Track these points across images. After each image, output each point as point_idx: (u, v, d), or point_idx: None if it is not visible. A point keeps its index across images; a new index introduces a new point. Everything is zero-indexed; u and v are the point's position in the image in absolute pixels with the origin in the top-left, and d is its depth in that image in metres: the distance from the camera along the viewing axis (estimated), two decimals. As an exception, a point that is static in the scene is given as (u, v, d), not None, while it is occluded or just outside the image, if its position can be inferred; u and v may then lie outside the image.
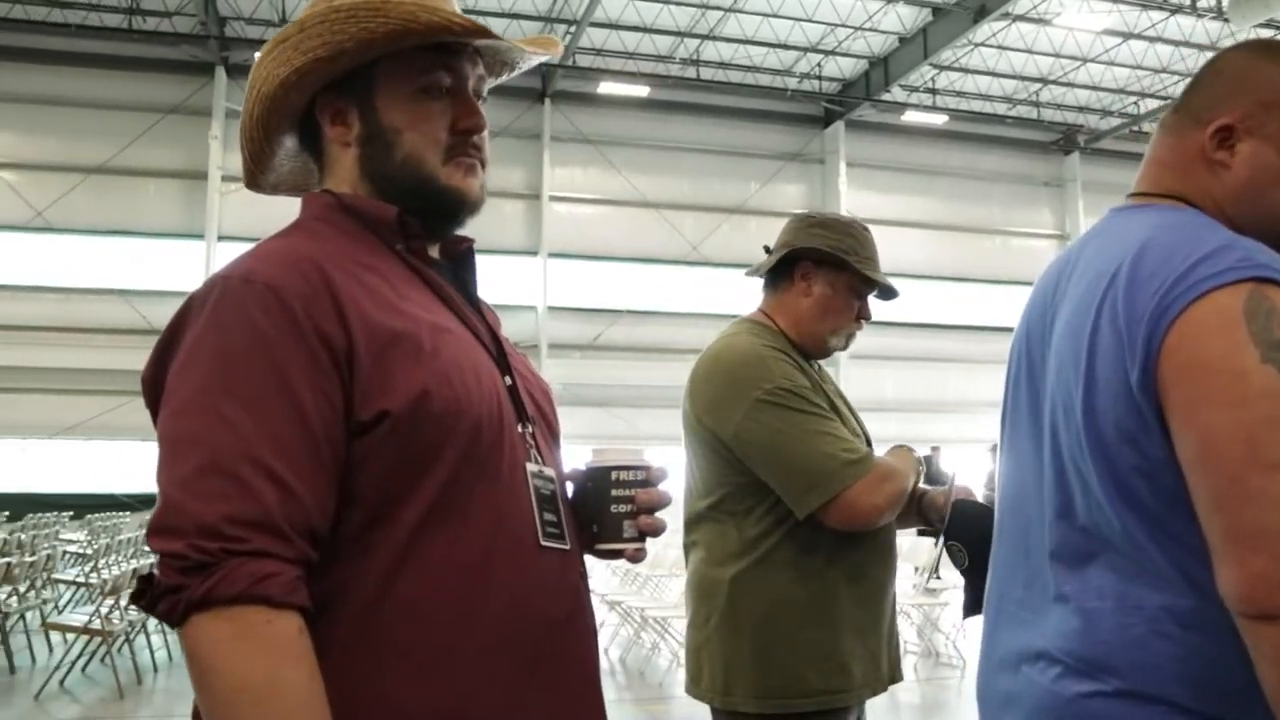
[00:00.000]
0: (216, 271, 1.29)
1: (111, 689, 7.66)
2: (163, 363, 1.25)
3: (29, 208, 20.85)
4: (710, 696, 2.40)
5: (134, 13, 20.77)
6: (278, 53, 1.38)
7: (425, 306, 1.33)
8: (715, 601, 2.40)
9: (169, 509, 1.13)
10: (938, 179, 25.17)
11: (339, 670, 1.15)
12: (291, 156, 1.52)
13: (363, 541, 1.21)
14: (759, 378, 2.35)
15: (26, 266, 20.02)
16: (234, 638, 1.09)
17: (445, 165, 1.39)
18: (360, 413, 1.20)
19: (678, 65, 23.18)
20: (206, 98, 21.79)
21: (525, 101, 22.79)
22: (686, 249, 23.43)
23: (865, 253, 2.53)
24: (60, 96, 21.20)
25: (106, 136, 21.15)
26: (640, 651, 8.93)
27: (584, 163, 23.42)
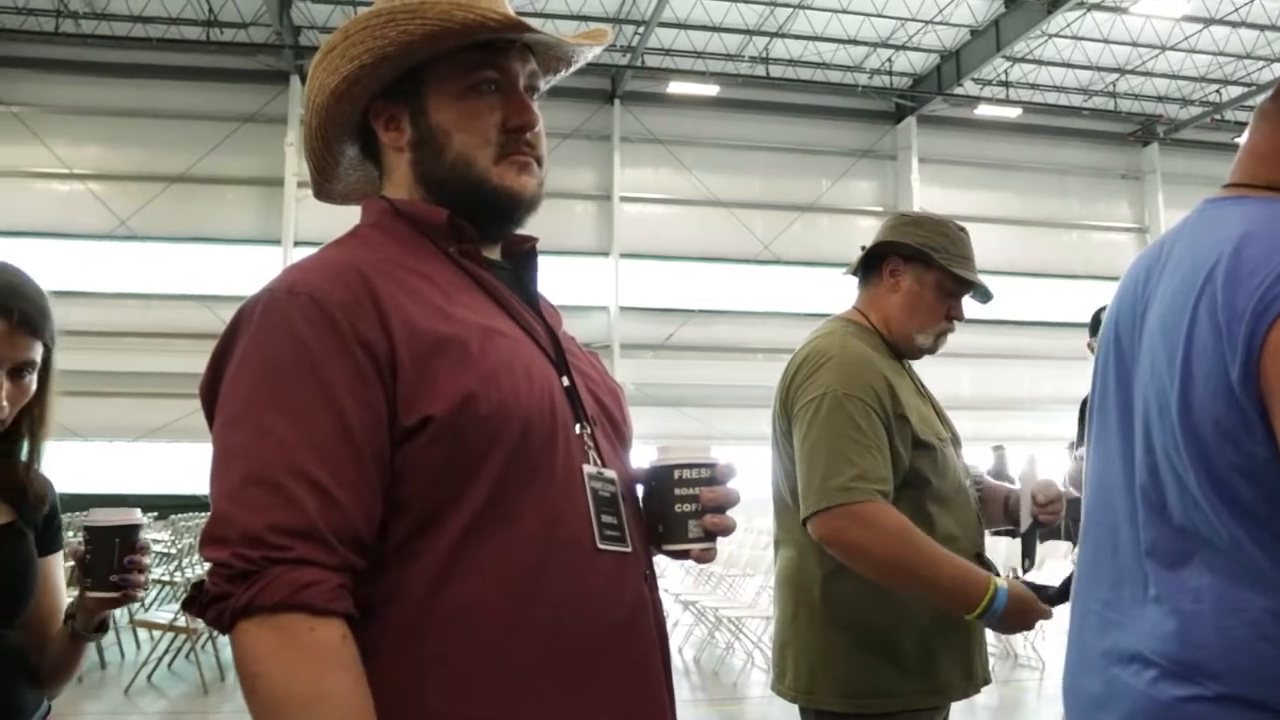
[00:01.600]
0: (266, 283, 1.30)
1: (196, 684, 7.83)
2: (217, 373, 1.26)
3: (113, 217, 21.38)
4: (794, 694, 2.37)
5: (212, 25, 21.18)
6: (327, 62, 1.39)
7: (476, 309, 1.32)
8: (804, 598, 2.38)
9: (217, 519, 1.15)
10: (1012, 173, 24.77)
11: (384, 679, 1.14)
12: (355, 165, 1.52)
13: (410, 548, 1.20)
14: (841, 379, 2.32)
15: (111, 274, 20.49)
16: (276, 645, 1.10)
17: (497, 165, 1.37)
18: (404, 419, 1.20)
19: (747, 63, 23.07)
20: (282, 106, 22.15)
21: (595, 103, 22.85)
22: (757, 248, 23.33)
23: (957, 251, 2.49)
24: (143, 108, 21.72)
25: (186, 146, 21.60)
26: (714, 651, 8.91)
27: (654, 163, 23.41)
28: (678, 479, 1.37)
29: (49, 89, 21.79)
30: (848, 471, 2.22)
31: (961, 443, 2.54)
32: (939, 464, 2.38)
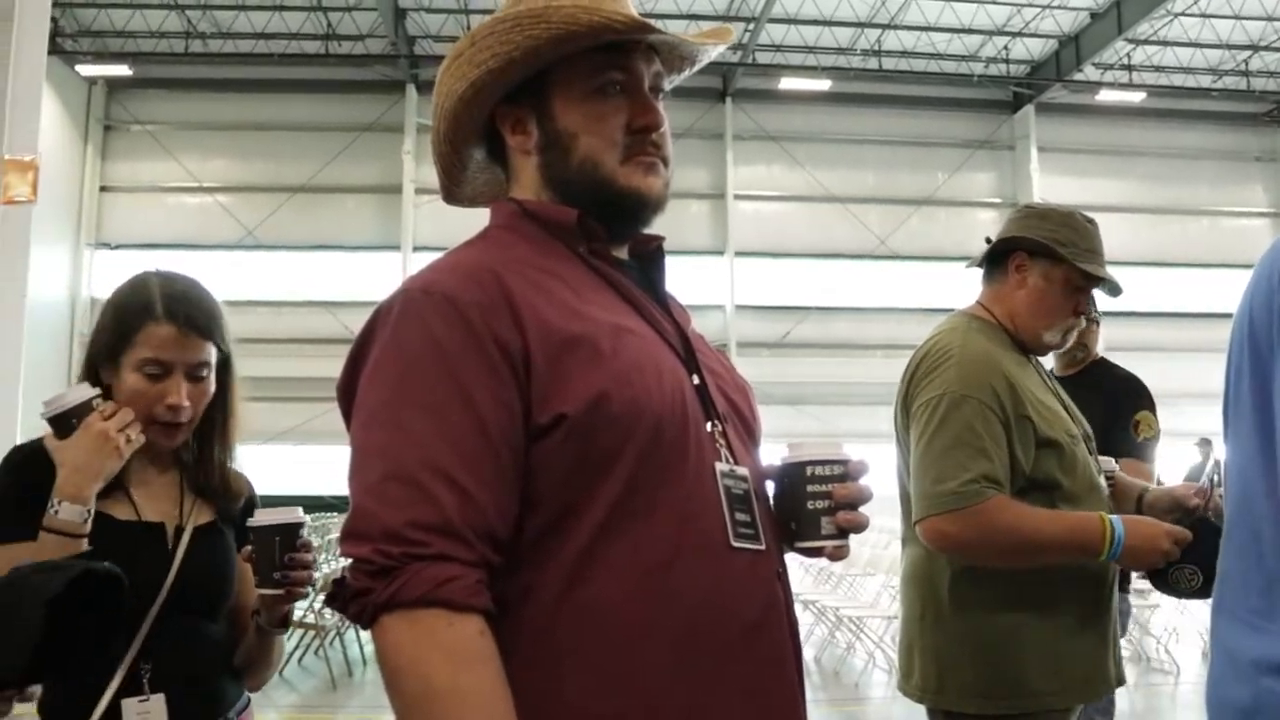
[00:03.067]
0: (401, 284, 1.32)
1: (325, 680, 8.05)
2: (353, 374, 1.30)
3: (241, 227, 22.11)
4: (921, 694, 2.33)
5: (330, 38, 21.75)
6: (454, 68, 1.41)
7: (607, 308, 1.33)
8: (931, 597, 2.34)
9: (357, 515, 1.18)
10: (1137, 160, 23.96)
11: (521, 675, 1.15)
12: (482, 169, 1.55)
13: (544, 546, 1.21)
14: (960, 378, 2.27)
15: (240, 282, 21.12)
16: (417, 640, 1.11)
17: (624, 165, 1.38)
18: (538, 417, 1.22)
19: (859, 57, 22.78)
20: (399, 114, 22.61)
21: (707, 102, 22.80)
22: (873, 243, 23.01)
23: (1085, 245, 2.42)
24: (266, 122, 22.42)
25: (308, 156, 22.22)
26: (835, 651, 8.83)
27: (767, 160, 23.27)
28: (810, 476, 1.36)
29: (179, 107, 22.67)
30: (960, 476, 2.19)
31: (1094, 439, 2.46)
32: (1067, 462, 2.31)
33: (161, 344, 1.86)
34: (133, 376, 1.86)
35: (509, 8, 1.39)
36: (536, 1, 1.36)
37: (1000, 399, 2.25)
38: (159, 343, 1.86)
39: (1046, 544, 2.20)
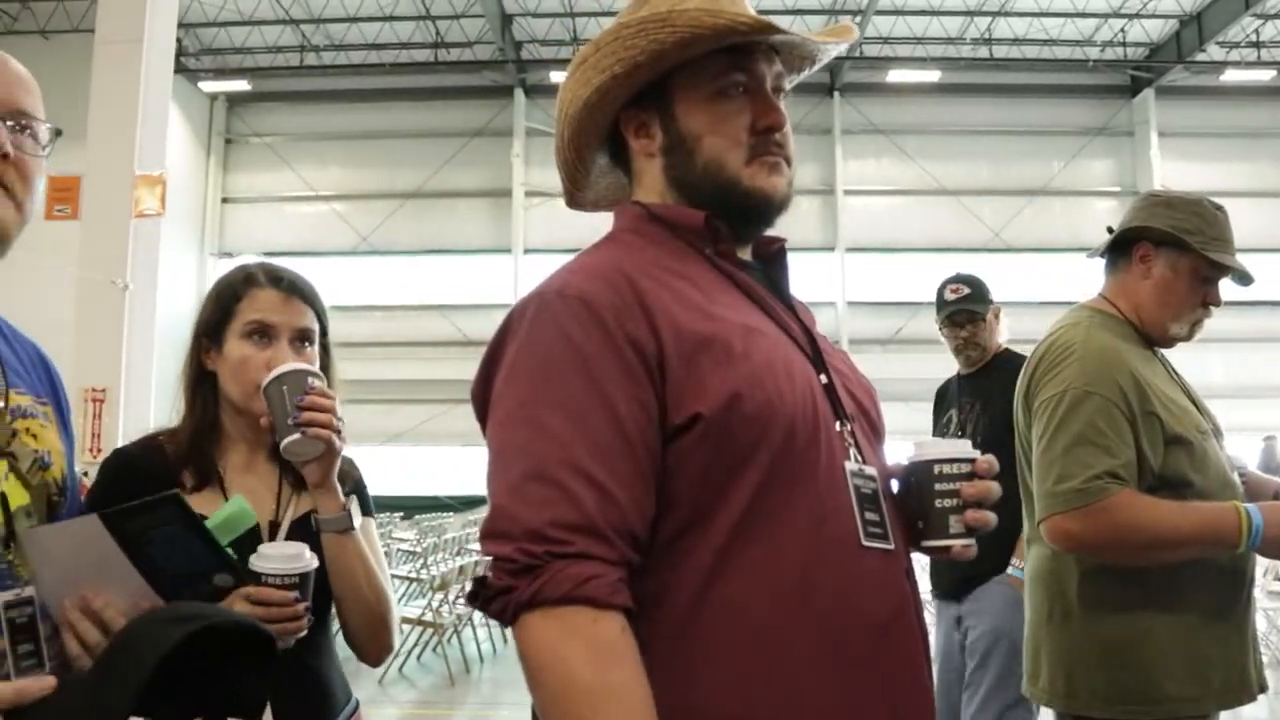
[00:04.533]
0: (534, 287, 1.33)
1: (443, 676, 8.20)
2: (488, 376, 1.31)
3: (355, 234, 22.67)
4: (1050, 698, 2.27)
5: (439, 46, 22.14)
6: (579, 74, 1.42)
7: (736, 308, 1.33)
8: (1059, 598, 2.27)
9: (498, 515, 1.18)
10: (1266, 141, 22.99)
11: (659, 673, 1.16)
12: (605, 173, 1.56)
13: (680, 545, 1.22)
14: (1083, 375, 2.21)
15: (355, 288, 21.63)
16: (561, 637, 1.12)
17: (748, 166, 1.38)
18: (674, 417, 1.22)
19: (969, 46, 22.36)
20: (507, 119, 22.93)
21: (815, 97, 22.63)
22: (987, 236, 22.57)
23: (1213, 233, 2.33)
24: (379, 130, 22.95)
25: (420, 163, 22.70)
26: (954, 651, 8.65)
27: (877, 154, 23.00)
28: (938, 474, 1.36)
29: (295, 119, 23.36)
30: (1082, 475, 2.12)
31: (1223, 434, 2.37)
32: (1198, 459, 2.22)
33: (266, 306, 1.87)
34: (239, 344, 1.86)
35: (632, 13, 1.40)
36: (660, 6, 1.37)
37: (1125, 395, 2.18)
38: (263, 305, 1.87)
39: (1178, 538, 2.11)
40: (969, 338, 4.03)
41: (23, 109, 1.39)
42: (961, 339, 4.04)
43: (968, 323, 4.03)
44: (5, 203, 1.36)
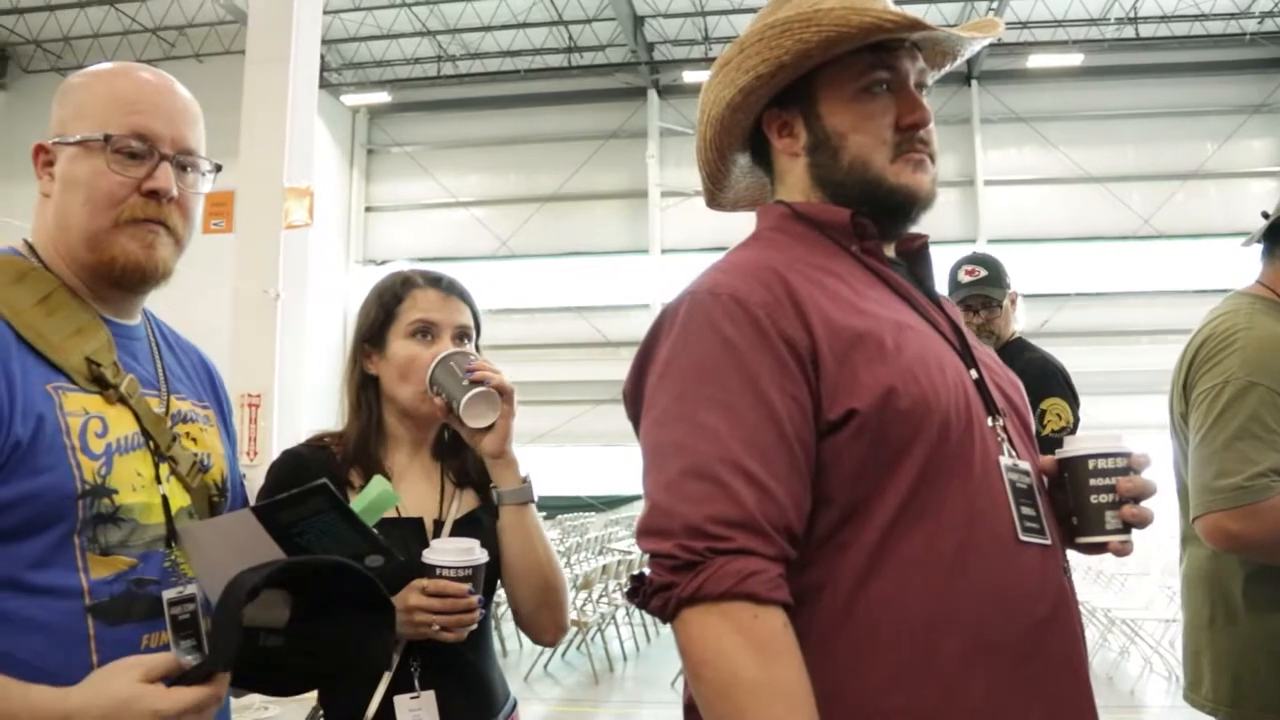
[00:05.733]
0: (685, 287, 1.35)
1: (587, 674, 8.30)
2: (641, 376, 1.33)
3: (495, 238, 23.08)
4: (1214, 706, 2.15)
5: (572, 50, 22.39)
6: (722, 75, 1.43)
7: (885, 305, 1.34)
8: (1221, 599, 2.16)
9: (656, 512, 1.20)
10: None
11: (816, 668, 1.16)
12: (746, 173, 1.57)
13: (835, 541, 1.23)
14: (1245, 364, 2.09)
15: (496, 292, 22.01)
16: (723, 633, 1.13)
17: (893, 163, 1.38)
18: (828, 413, 1.23)
19: (1113, 26, 21.55)
20: (641, 120, 23.04)
21: (952, 86, 22.12)
22: (1136, 223, 21.74)
23: None
24: (516, 135, 23.33)
25: (557, 166, 22.99)
26: (1107, 655, 8.40)
27: (1018, 142, 22.36)
28: (1092, 469, 1.34)
29: (434, 127, 23.90)
30: (1245, 470, 2.01)
31: None
32: None
33: (428, 305, 1.96)
34: (404, 344, 1.94)
35: (773, 13, 1.41)
36: (804, 5, 1.37)
37: None
38: (425, 305, 1.96)
39: None
40: (983, 325, 3.73)
41: (189, 148, 1.45)
42: (974, 326, 3.70)
43: (982, 308, 3.75)
44: (168, 243, 1.44)
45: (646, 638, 9.98)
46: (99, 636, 1.30)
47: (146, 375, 1.48)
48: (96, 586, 1.31)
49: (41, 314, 1.36)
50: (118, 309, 1.49)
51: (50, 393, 1.32)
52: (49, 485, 1.28)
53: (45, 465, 1.28)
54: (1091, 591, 9.89)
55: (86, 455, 1.32)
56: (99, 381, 1.38)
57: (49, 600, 1.28)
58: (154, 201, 1.41)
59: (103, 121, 1.40)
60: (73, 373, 1.36)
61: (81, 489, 1.30)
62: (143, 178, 1.40)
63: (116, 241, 1.40)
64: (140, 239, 1.41)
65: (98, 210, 1.39)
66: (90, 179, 1.39)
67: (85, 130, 1.41)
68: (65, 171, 1.42)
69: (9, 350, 1.30)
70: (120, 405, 1.40)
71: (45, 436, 1.29)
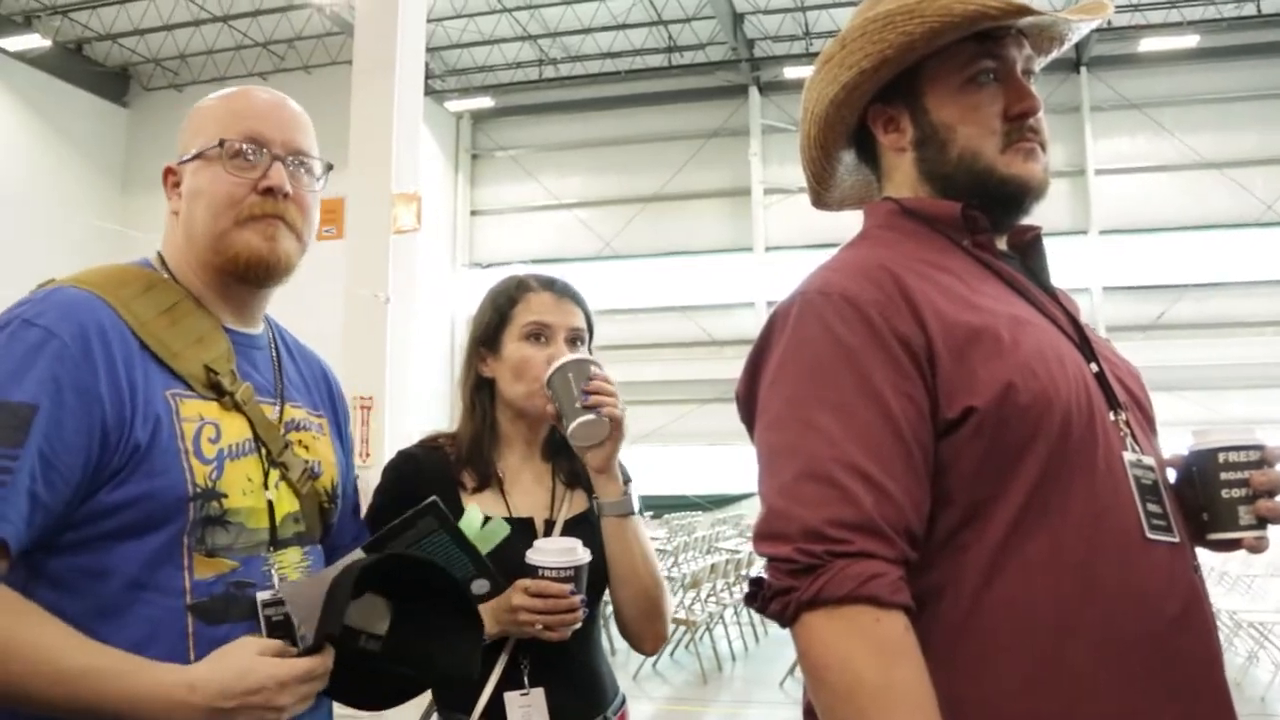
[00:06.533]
0: (795, 287, 1.33)
1: (696, 674, 8.30)
2: (753, 379, 1.32)
3: (599, 239, 23.24)
4: None
5: (672, 50, 22.43)
6: (825, 72, 1.41)
7: (1000, 299, 1.31)
8: None
9: (773, 516, 1.19)
10: None
11: (939, 672, 1.14)
12: (851, 171, 1.55)
13: (956, 542, 1.20)
14: None
15: (600, 292, 22.19)
16: (845, 636, 1.12)
17: (1003, 154, 1.36)
18: (946, 411, 1.21)
19: (1231, 4, 20.79)
20: (742, 118, 22.99)
21: (1060, 74, 21.56)
22: (1258, 209, 20.92)
23: None
24: (617, 137, 23.47)
25: (658, 166, 23.06)
26: (1235, 660, 8.11)
27: (1130, 129, 21.71)
28: (1223, 463, 1.29)
29: (537, 131, 24.17)
30: None
31: None
32: None
33: (542, 308, 1.99)
34: (518, 346, 1.97)
35: (874, 6, 1.38)
36: None
37: None
38: (539, 307, 1.99)
39: None
40: None
41: (300, 149, 1.52)
42: None
43: None
44: (289, 237, 1.50)
45: (755, 638, 9.94)
46: (197, 634, 1.34)
47: (264, 383, 1.53)
48: (198, 586, 1.36)
49: (165, 323, 1.42)
50: (241, 316, 1.54)
51: (168, 399, 1.37)
52: (163, 487, 1.33)
53: (160, 468, 1.33)
54: (1217, 593, 9.56)
55: (199, 459, 1.37)
56: (215, 388, 1.43)
57: (154, 596, 1.33)
58: (271, 198, 1.47)
59: (218, 132, 1.48)
60: (191, 380, 1.41)
61: (192, 492, 1.35)
62: (258, 178, 1.47)
63: (240, 238, 1.46)
64: (262, 233, 1.47)
65: (219, 212, 1.46)
66: (210, 185, 1.46)
67: (203, 143, 1.48)
68: (189, 185, 1.49)
69: (133, 358, 1.36)
70: (235, 412, 1.45)
71: (161, 441, 1.34)
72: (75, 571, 1.31)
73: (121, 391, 1.32)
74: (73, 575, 1.31)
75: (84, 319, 1.33)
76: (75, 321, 1.32)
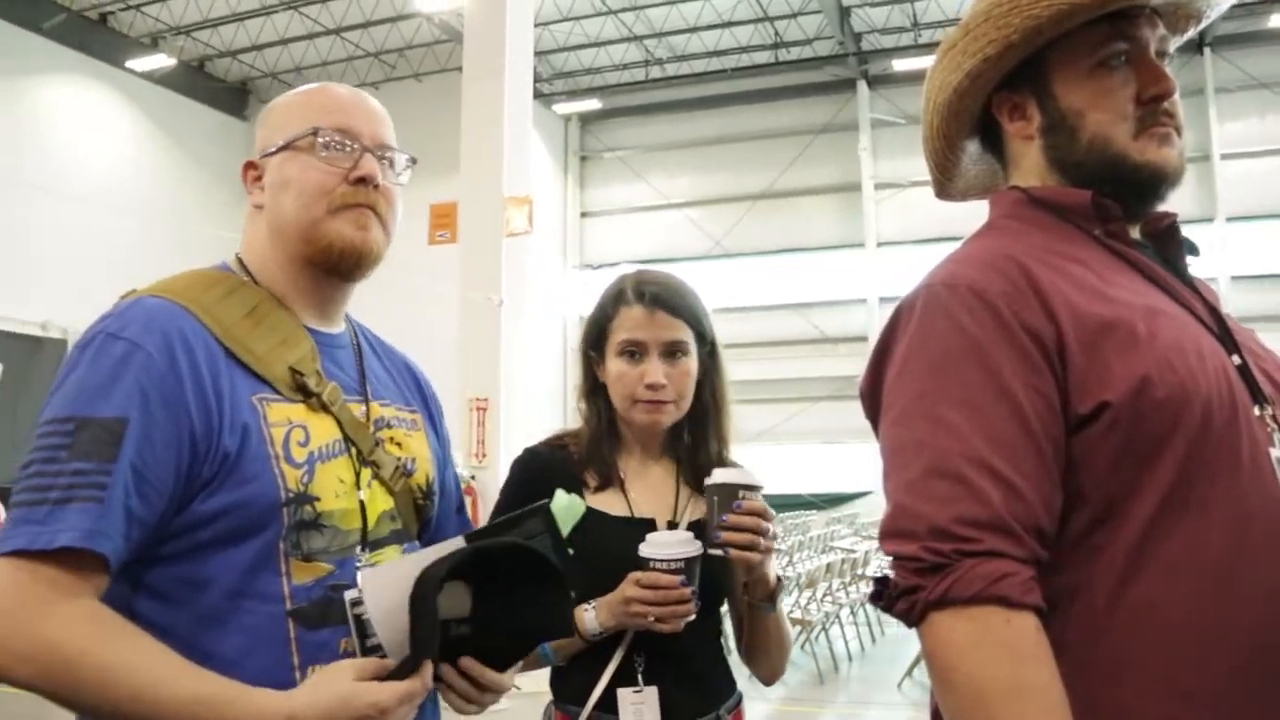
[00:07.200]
0: (920, 281, 1.30)
1: (812, 674, 8.24)
2: (878, 373, 1.29)
3: (708, 238, 23.22)
4: None
5: (778, 46, 22.31)
6: (947, 60, 1.38)
7: (1135, 290, 1.25)
8: None
9: (899, 513, 1.16)
10: None
11: (1071, 677, 1.10)
12: (976, 160, 1.51)
13: (1090, 542, 1.16)
14: None
15: (711, 291, 22.07)
16: (974, 638, 1.09)
17: (1136, 140, 1.30)
18: (1078, 406, 1.16)
19: (1366, -22, 19.86)
20: (851, 113, 22.75)
21: (1182, 56, 20.58)
22: (1396, 188, 19.96)
23: None
24: (725, 135, 23.42)
25: (767, 164, 22.96)
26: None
27: (1259, 110, 20.82)
28: None
29: (644, 131, 24.26)
30: None
31: None
32: None
33: (634, 324, 1.98)
34: (615, 361, 1.99)
35: None
36: None
37: None
38: (632, 324, 1.98)
39: None
40: None
41: (386, 142, 1.53)
42: None
43: None
44: (376, 227, 1.50)
45: (871, 638, 9.84)
46: (299, 639, 1.34)
47: (349, 382, 1.52)
48: (297, 591, 1.36)
49: (248, 326, 1.42)
50: (323, 315, 1.54)
51: (255, 404, 1.37)
52: (255, 494, 1.33)
53: (251, 475, 1.33)
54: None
55: (289, 464, 1.36)
56: (302, 390, 1.43)
57: (255, 603, 1.33)
58: (362, 188, 1.47)
59: (308, 122, 1.49)
60: (277, 383, 1.41)
61: (285, 497, 1.35)
62: (350, 168, 1.48)
63: (331, 227, 1.46)
64: (354, 221, 1.47)
65: (311, 201, 1.46)
66: (300, 174, 1.47)
67: (291, 134, 1.49)
68: (275, 176, 1.49)
69: (217, 365, 1.36)
70: (323, 413, 1.44)
71: (251, 447, 1.34)
72: (176, 582, 1.32)
73: (208, 400, 1.32)
74: (174, 586, 1.32)
75: (167, 328, 1.33)
76: (159, 332, 1.32)
